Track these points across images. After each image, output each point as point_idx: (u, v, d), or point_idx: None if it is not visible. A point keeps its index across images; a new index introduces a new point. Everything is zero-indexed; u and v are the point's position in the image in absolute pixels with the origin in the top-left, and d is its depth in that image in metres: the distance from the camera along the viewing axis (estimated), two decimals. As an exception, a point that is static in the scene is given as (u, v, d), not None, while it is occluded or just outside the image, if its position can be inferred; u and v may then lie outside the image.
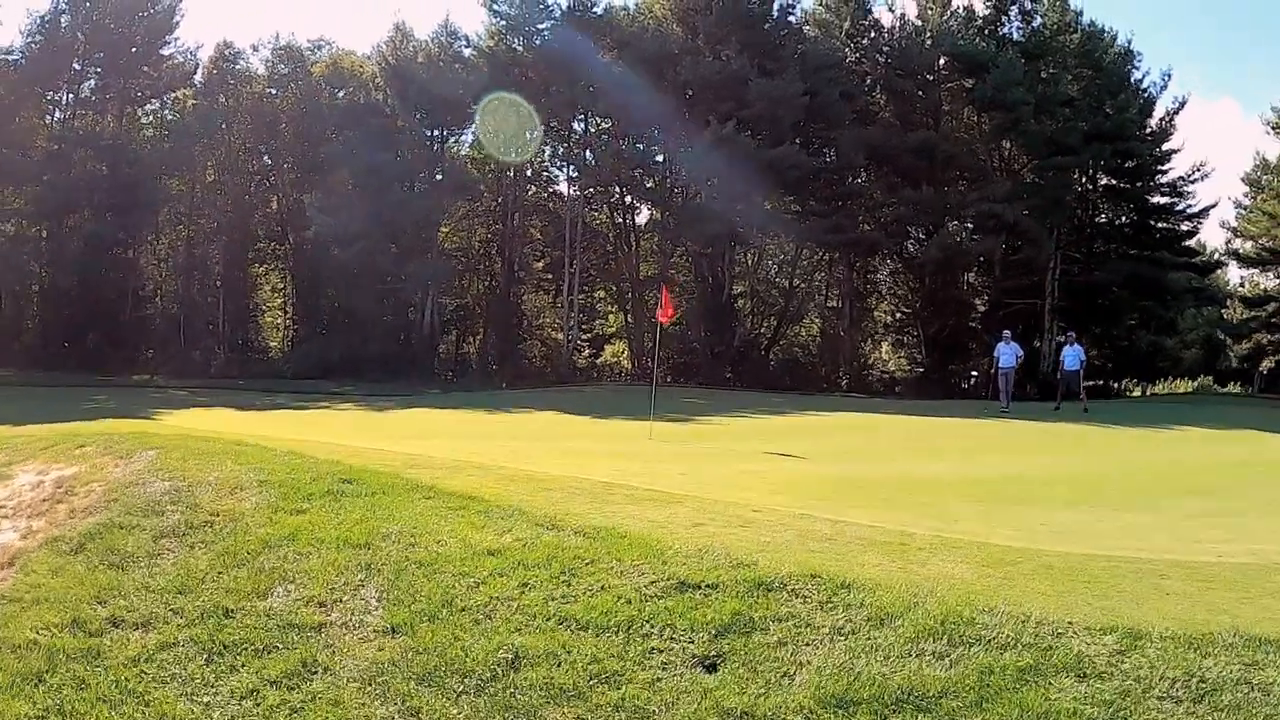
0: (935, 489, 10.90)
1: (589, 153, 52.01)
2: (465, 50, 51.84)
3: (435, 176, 51.20)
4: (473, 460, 9.86)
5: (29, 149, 48.38)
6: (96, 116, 50.57)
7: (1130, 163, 48.20)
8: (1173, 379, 54.93)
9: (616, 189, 51.92)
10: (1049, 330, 46.46)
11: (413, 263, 47.95)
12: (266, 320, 57.03)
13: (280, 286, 56.41)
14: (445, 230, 52.92)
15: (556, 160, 54.16)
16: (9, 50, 48.30)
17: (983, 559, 6.25)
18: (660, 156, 50.93)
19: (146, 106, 54.49)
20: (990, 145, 49.99)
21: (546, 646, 5.33)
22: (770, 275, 55.70)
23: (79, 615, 6.17)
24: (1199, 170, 48.98)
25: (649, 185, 51.23)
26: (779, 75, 45.35)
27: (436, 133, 51.53)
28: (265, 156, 54.07)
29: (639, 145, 50.49)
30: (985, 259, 47.97)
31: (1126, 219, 51.43)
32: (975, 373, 39.79)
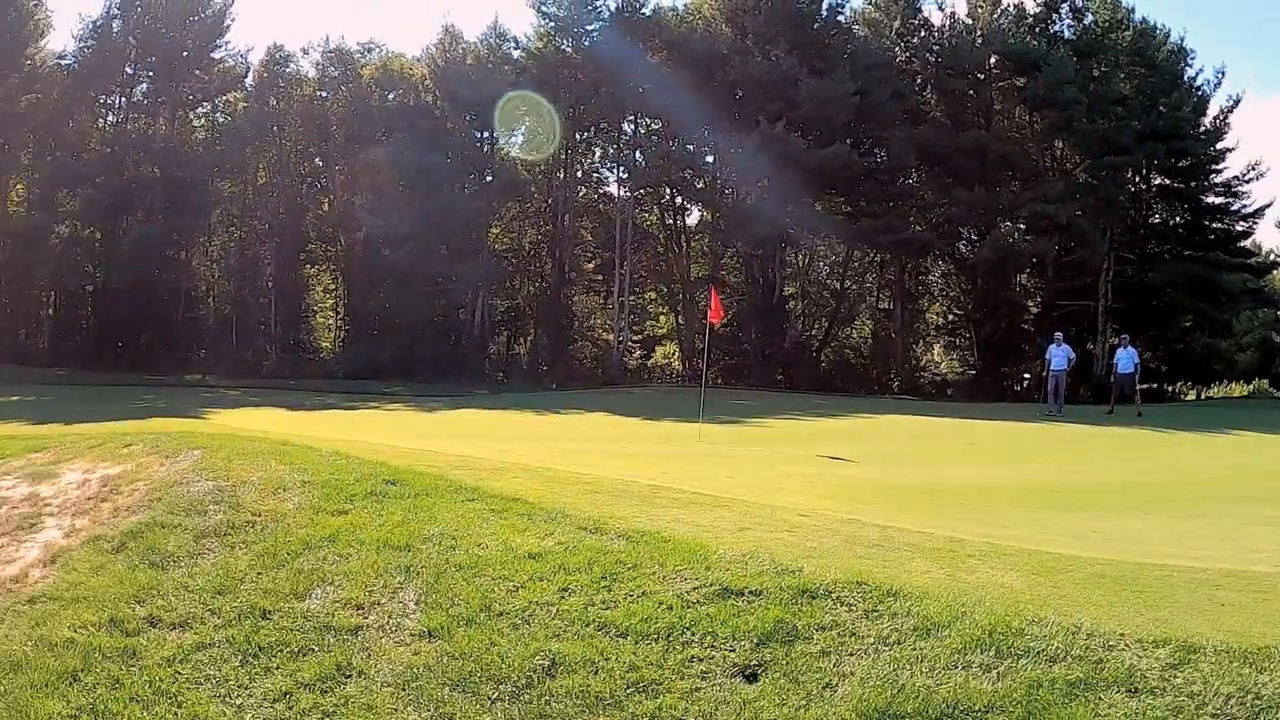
0: (987, 494, 10.72)
1: (639, 154, 51.96)
2: (514, 52, 51.96)
3: (485, 178, 51.37)
4: (519, 462, 9.82)
5: (83, 152, 49.30)
6: (149, 120, 51.21)
7: (1184, 162, 47.35)
8: (1228, 382, 53.73)
9: (666, 190, 51.90)
10: (1102, 333, 45.69)
11: (463, 264, 48.13)
12: (318, 321, 57.51)
13: (332, 287, 56.85)
14: (495, 231, 53.09)
15: (606, 161, 54.39)
16: (62, 55, 49.31)
17: (1033, 567, 6.10)
18: (710, 157, 50.81)
19: (198, 110, 55.07)
20: (1043, 145, 49.26)
21: (584, 653, 5.26)
22: (821, 277, 55.26)
23: (117, 614, 6.18)
24: (1254, 169, 47.89)
25: (699, 186, 51.15)
26: (829, 75, 44.97)
27: (486, 134, 51.65)
28: (316, 159, 54.56)
29: (689, 146, 50.36)
30: (1038, 260, 47.26)
31: (1181, 219, 50.52)
32: (1028, 375, 39.14)
